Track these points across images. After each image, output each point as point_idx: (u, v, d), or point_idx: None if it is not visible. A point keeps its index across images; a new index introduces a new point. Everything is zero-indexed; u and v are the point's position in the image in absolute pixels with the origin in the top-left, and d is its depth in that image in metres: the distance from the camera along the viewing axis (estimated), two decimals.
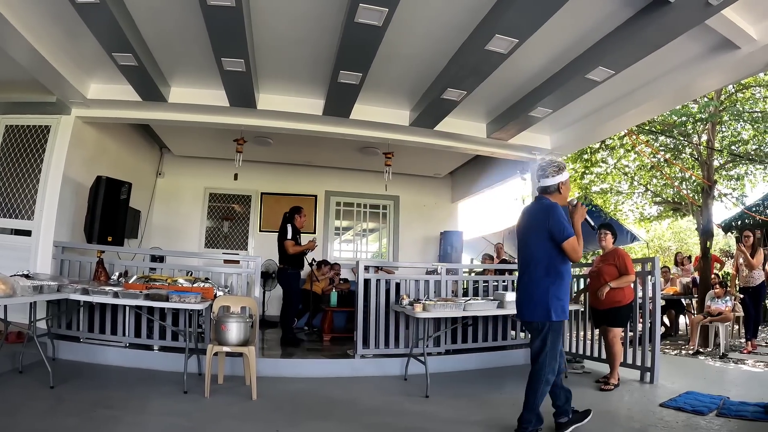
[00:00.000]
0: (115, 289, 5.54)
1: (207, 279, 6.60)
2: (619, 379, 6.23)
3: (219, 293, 6.26)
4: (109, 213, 7.41)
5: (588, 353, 7.53)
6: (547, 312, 4.11)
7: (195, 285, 6.14)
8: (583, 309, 7.40)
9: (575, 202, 4.39)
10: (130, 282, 5.97)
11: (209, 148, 10.93)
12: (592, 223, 4.70)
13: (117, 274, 6.52)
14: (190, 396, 5.10)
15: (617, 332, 6.34)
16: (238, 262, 7.83)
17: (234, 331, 5.17)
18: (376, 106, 7.73)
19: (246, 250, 12.05)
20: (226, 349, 5.20)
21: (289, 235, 8.10)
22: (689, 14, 4.74)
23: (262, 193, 12.37)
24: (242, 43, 5.41)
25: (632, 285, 6.53)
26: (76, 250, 7.08)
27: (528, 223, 4.36)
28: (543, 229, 4.14)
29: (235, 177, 8.45)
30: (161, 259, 7.63)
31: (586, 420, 4.44)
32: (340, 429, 4.52)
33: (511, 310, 6.68)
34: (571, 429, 4.40)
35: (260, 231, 12.21)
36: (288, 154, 11.48)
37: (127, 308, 6.41)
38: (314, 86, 7.07)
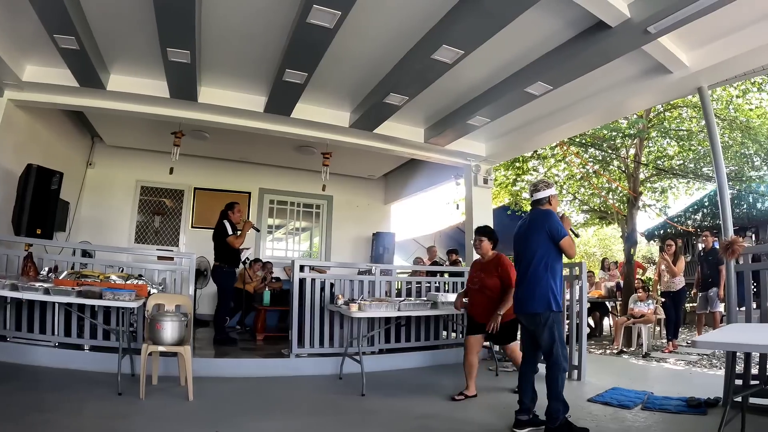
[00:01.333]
0: (46, 285, 5.29)
1: (140, 276, 6.45)
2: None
3: (153, 291, 6.13)
4: (39, 204, 7.05)
5: None
6: (548, 303, 4.51)
7: (128, 282, 5.96)
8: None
9: (561, 214, 4.83)
10: (61, 278, 5.76)
11: (143, 140, 10.64)
12: (576, 233, 5.06)
13: (47, 269, 6.25)
14: (125, 398, 4.94)
15: (513, 345, 5.90)
16: (172, 258, 7.69)
17: (169, 330, 5.04)
18: (318, 106, 7.73)
19: (177, 246, 11.72)
20: (161, 348, 5.06)
21: (230, 231, 7.97)
22: (628, 40, 5.06)
23: (195, 188, 12.06)
24: (190, 35, 5.30)
25: None
26: (3, 243, 6.72)
27: (528, 229, 4.77)
28: (542, 231, 4.60)
29: (171, 171, 8.29)
30: (90, 254, 7.41)
31: (542, 429, 4.60)
32: (280, 429, 4.53)
33: (444, 310, 6.91)
34: (528, 430, 4.59)
35: (192, 227, 11.90)
36: (224, 149, 11.29)
37: (57, 305, 6.12)
38: (258, 83, 7.01)
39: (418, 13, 5.12)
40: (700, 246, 10.28)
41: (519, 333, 5.36)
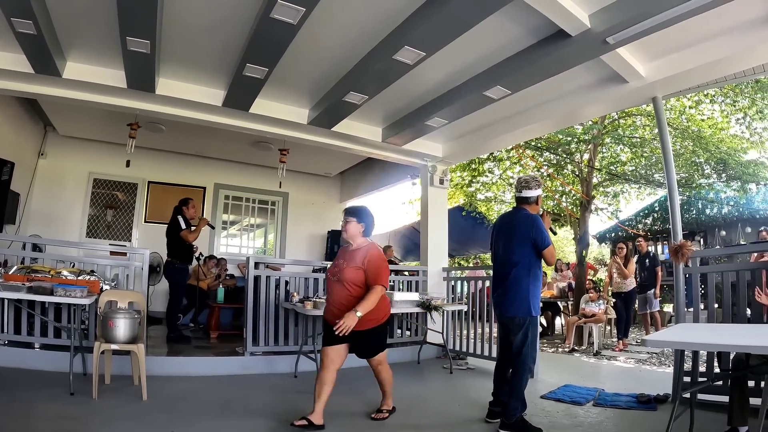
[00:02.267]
0: None
1: (92, 271, 6.30)
2: (394, 406, 5.10)
3: (105, 287, 6.00)
4: None
5: (471, 350, 7.96)
6: (528, 308, 4.61)
7: (80, 278, 5.82)
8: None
9: (542, 213, 4.90)
10: (11, 273, 5.58)
11: (97, 131, 10.38)
12: (554, 231, 5.12)
13: None
14: (77, 398, 4.82)
15: (382, 357, 4.95)
16: (125, 254, 7.55)
17: (122, 327, 4.96)
18: (277, 102, 7.64)
19: (130, 241, 11.47)
20: (114, 346, 4.96)
21: (184, 226, 7.93)
22: (586, 49, 5.18)
23: (149, 182, 11.83)
24: (151, 24, 5.13)
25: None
26: None
27: (510, 230, 4.81)
28: (527, 237, 4.64)
29: (127, 164, 8.13)
30: (40, 248, 7.22)
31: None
32: (235, 428, 4.48)
33: (399, 309, 6.94)
34: (498, 421, 4.68)
35: (145, 222, 11.66)
36: (179, 142, 11.14)
37: (6, 302, 5.87)
38: (217, 76, 6.88)
39: (381, 14, 5.12)
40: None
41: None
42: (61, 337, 6.06)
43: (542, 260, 4.74)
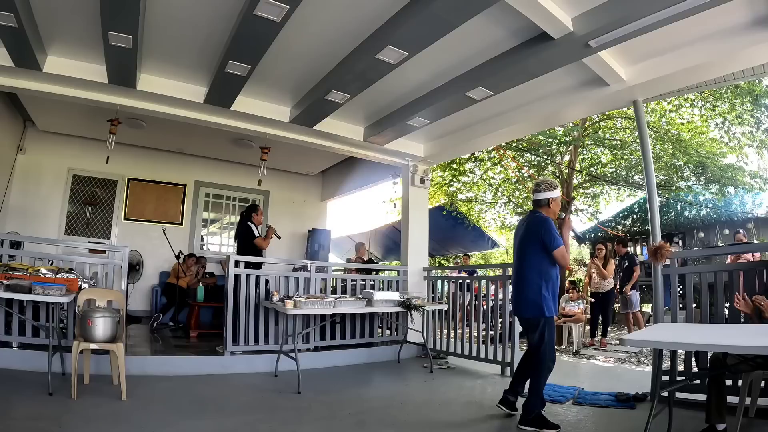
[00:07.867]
0: None
1: (71, 269, 6.23)
2: None
3: (84, 285, 5.93)
4: None
5: (452, 350, 8.02)
6: (540, 309, 4.71)
7: (59, 276, 5.72)
8: None
9: (563, 216, 5.01)
10: None
11: (78, 126, 10.22)
12: (578, 234, 5.16)
13: None
14: (56, 398, 4.74)
15: None
16: (104, 252, 7.47)
17: (101, 326, 4.90)
18: (259, 99, 7.60)
19: (109, 239, 11.22)
20: (93, 346, 4.88)
21: (257, 233, 8.11)
22: (569, 52, 5.24)
23: (129, 179, 11.64)
24: (134, 19, 5.06)
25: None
26: None
27: (524, 233, 4.89)
28: (537, 239, 4.73)
29: (107, 160, 8.05)
30: (18, 245, 7.13)
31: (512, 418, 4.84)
32: (214, 427, 4.44)
33: (379, 308, 6.97)
34: (506, 410, 4.95)
35: (125, 219, 11.44)
36: (160, 139, 11.01)
37: None
38: (199, 72, 6.82)
39: (365, 13, 5.12)
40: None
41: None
42: (39, 336, 5.96)
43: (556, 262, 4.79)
